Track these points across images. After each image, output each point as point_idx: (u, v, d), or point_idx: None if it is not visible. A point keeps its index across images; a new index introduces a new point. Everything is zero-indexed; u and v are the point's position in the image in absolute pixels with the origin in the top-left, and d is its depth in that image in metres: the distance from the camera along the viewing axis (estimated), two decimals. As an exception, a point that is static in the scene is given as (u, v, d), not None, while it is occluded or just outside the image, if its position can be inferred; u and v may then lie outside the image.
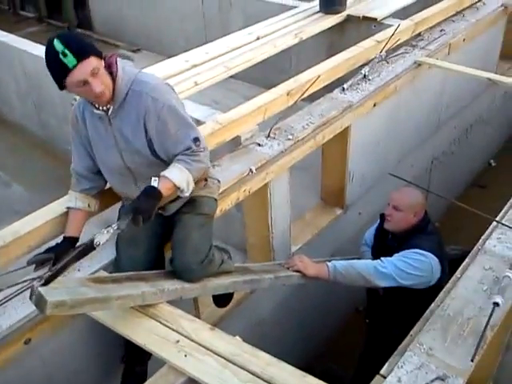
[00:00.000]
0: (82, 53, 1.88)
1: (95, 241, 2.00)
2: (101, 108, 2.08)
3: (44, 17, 9.18)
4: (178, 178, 2.05)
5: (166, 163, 2.12)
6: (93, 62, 1.91)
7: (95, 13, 8.08)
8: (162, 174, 2.05)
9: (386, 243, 2.95)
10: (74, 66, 1.87)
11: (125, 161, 2.18)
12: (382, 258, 2.75)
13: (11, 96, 5.51)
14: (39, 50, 4.54)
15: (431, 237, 2.82)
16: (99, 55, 1.96)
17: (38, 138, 5.50)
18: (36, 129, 5.46)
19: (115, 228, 2.00)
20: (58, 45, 1.86)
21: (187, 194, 2.12)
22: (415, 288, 2.71)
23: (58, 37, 1.90)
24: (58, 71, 1.89)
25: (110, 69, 2.04)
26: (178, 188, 2.07)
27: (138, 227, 1.99)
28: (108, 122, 2.12)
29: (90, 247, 2.03)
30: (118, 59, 2.07)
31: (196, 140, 2.11)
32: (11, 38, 5.10)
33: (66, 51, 1.85)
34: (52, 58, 1.88)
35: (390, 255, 2.75)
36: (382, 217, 3.03)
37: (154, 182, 2.02)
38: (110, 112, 2.09)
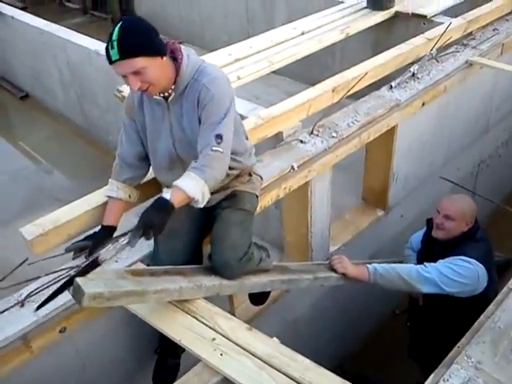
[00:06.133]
0: (128, 52, 1.82)
1: (100, 257, 1.91)
2: (160, 94, 2.03)
3: (88, 8, 9.34)
4: (192, 188, 1.94)
5: None
6: (137, 63, 1.84)
7: (139, 5, 8.14)
8: (175, 183, 1.94)
9: (432, 249, 2.83)
10: (117, 60, 1.83)
11: (176, 149, 2.14)
12: (425, 263, 2.64)
13: (55, 85, 5.57)
14: (83, 41, 4.45)
15: (480, 244, 2.69)
16: (153, 53, 1.87)
17: (79, 128, 5.56)
18: (78, 118, 5.52)
19: (124, 243, 1.90)
20: (115, 32, 1.81)
21: (201, 205, 2.01)
22: (458, 296, 2.59)
23: (122, 23, 1.84)
24: (106, 55, 1.86)
25: (174, 54, 1.99)
26: (193, 199, 1.96)
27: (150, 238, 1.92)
28: (166, 108, 2.07)
29: (94, 264, 1.93)
30: (181, 46, 2.01)
31: (218, 137, 1.96)
32: (55, 28, 5.08)
33: (115, 44, 1.80)
34: (107, 41, 1.84)
35: (435, 262, 2.63)
36: (429, 222, 2.91)
37: (167, 194, 1.92)
38: (170, 99, 2.04)
